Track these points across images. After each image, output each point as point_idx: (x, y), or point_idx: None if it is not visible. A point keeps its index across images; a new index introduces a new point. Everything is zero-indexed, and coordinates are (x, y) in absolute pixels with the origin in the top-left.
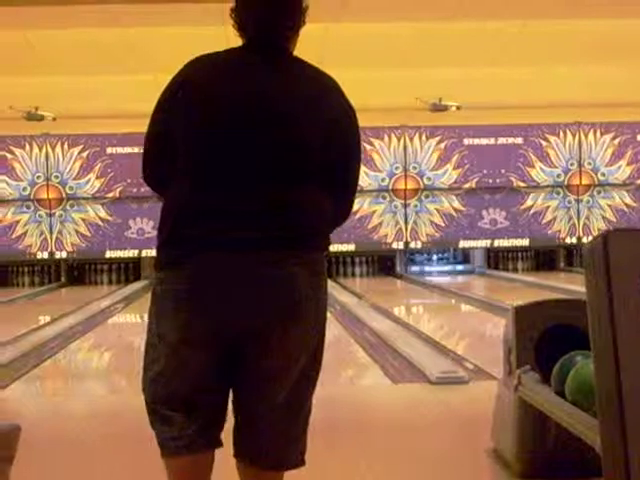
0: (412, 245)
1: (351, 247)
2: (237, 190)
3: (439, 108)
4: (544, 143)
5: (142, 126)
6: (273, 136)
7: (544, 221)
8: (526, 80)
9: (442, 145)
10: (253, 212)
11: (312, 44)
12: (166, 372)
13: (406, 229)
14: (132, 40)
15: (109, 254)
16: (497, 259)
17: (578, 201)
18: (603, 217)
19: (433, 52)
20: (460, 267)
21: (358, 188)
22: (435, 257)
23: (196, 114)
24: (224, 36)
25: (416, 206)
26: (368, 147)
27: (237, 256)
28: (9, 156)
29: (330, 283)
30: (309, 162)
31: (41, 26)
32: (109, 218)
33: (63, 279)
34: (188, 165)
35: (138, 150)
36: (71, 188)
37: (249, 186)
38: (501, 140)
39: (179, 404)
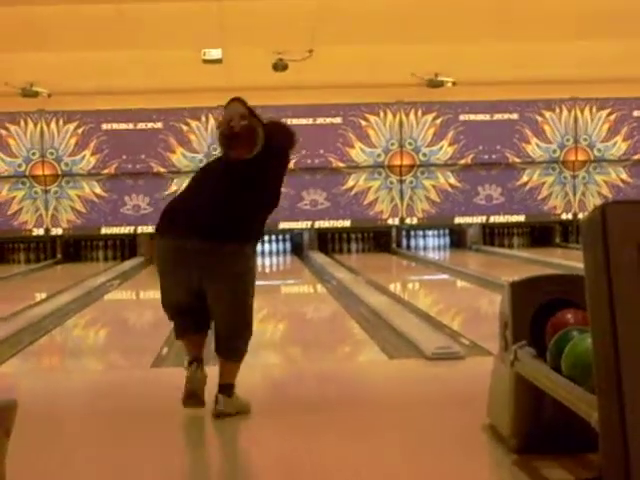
0: (408, 221)
1: (347, 223)
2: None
3: (435, 84)
4: (540, 119)
5: (137, 102)
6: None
7: (540, 197)
8: (522, 56)
9: (438, 121)
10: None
11: (305, 21)
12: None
13: (402, 205)
14: (126, 16)
15: (105, 230)
16: (493, 235)
17: (574, 177)
18: (599, 193)
19: (429, 28)
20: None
21: (354, 164)
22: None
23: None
24: (217, 11)
25: (412, 182)
26: (364, 123)
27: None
28: (4, 132)
29: (326, 259)
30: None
31: (37, 2)
32: (104, 194)
33: (59, 256)
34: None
35: (133, 126)
36: (66, 164)
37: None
38: (497, 116)
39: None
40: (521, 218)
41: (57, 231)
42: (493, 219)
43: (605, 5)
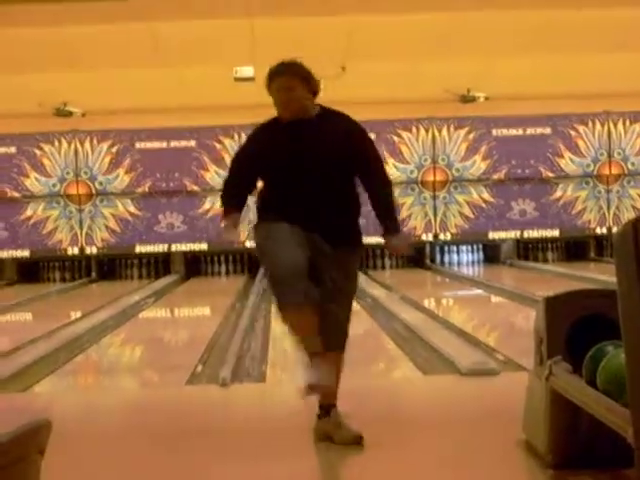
0: (441, 237)
1: (381, 240)
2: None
3: (467, 99)
4: (573, 133)
5: (170, 121)
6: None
7: (574, 211)
8: (554, 70)
9: (470, 136)
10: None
11: (339, 37)
12: None
13: (435, 221)
14: (158, 34)
15: (139, 249)
16: (527, 250)
17: (608, 191)
18: (633, 207)
19: (461, 43)
20: None
21: None
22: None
23: None
24: (248, 29)
25: (445, 197)
26: (396, 139)
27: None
28: (38, 152)
29: (360, 276)
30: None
31: (69, 22)
32: (138, 213)
33: (93, 274)
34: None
35: (166, 145)
36: (100, 183)
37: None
38: (530, 130)
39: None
40: (555, 233)
41: (92, 250)
42: (527, 234)
43: (637, 17)
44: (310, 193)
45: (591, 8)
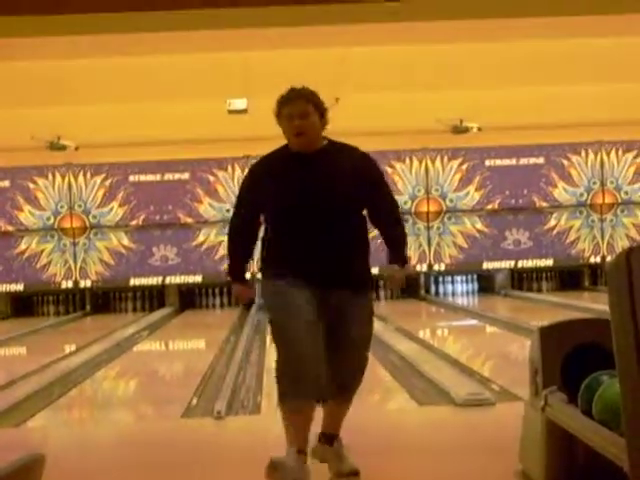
0: (435, 267)
1: (374, 271)
2: None
3: (460, 130)
4: (566, 163)
5: (163, 153)
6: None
7: (568, 241)
8: (547, 100)
9: (464, 167)
10: None
11: (331, 69)
12: None
13: (429, 251)
14: (152, 67)
15: (133, 282)
16: (521, 280)
17: (601, 220)
18: (627, 235)
19: (454, 74)
20: None
21: None
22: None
23: None
24: (241, 62)
25: (439, 228)
26: (389, 170)
27: None
28: (32, 186)
29: None
30: None
31: (62, 55)
32: (132, 246)
33: (88, 307)
34: None
35: (160, 178)
36: (94, 217)
37: None
38: (523, 160)
39: None
40: (549, 262)
41: (86, 283)
42: (521, 264)
43: (631, 47)
44: (324, 233)
45: (582, 38)
